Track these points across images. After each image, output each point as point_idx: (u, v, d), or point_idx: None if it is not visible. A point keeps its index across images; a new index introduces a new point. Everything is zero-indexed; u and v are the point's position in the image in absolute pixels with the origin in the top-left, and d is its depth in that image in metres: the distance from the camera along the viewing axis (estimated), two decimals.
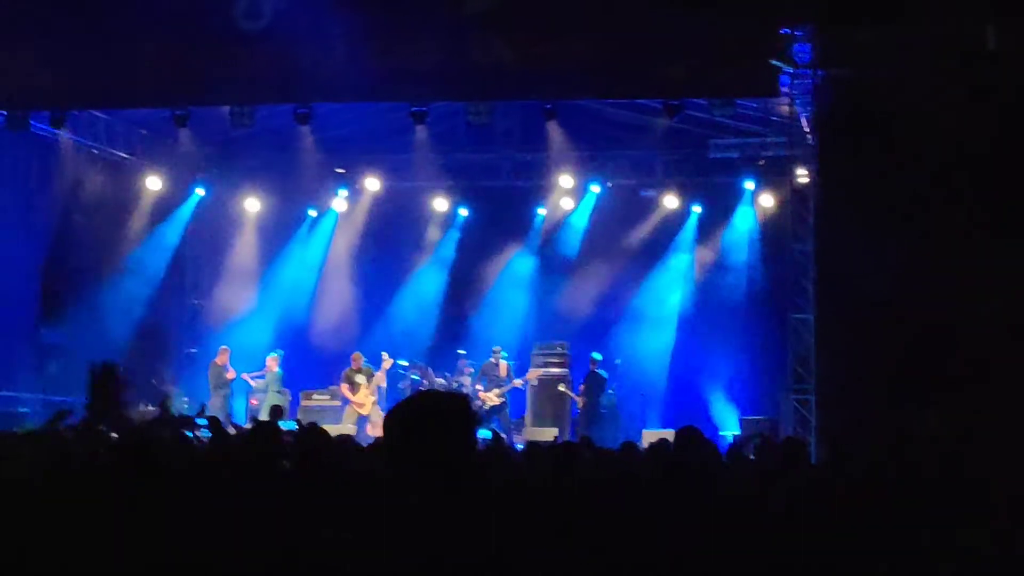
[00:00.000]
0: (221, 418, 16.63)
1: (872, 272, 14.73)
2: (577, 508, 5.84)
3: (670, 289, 22.20)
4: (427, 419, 3.50)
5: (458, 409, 3.54)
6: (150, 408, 19.89)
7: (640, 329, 22.16)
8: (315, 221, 23.66)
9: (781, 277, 18.98)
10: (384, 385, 20.85)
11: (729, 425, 20.37)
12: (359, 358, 20.74)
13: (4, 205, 19.59)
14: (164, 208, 22.31)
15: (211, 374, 21.00)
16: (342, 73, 17.13)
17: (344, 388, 20.50)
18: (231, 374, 20.96)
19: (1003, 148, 14.43)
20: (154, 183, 21.80)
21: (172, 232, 22.55)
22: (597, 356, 20.89)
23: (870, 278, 14.74)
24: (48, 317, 20.71)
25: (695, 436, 7.28)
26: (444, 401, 3.63)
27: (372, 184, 22.46)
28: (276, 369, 21.23)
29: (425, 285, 23.24)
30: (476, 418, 3.57)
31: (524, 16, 16.59)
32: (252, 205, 23.30)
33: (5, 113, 18.58)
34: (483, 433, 18.27)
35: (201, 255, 23.36)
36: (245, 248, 23.45)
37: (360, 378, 20.24)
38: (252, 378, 21.24)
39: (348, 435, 10.66)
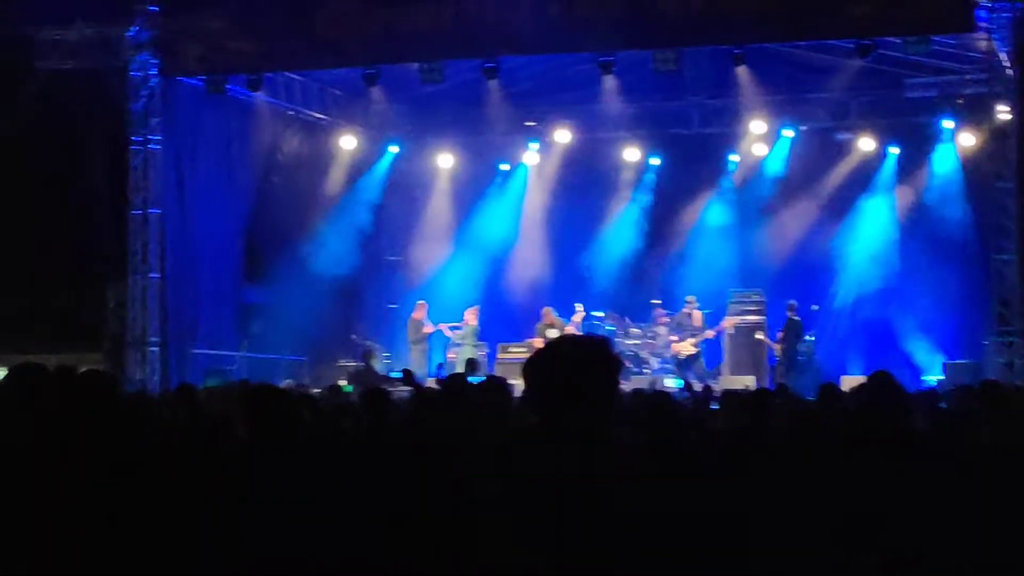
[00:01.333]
0: (420, 373, 16.96)
1: None
2: (766, 459, 5.79)
3: (869, 233, 21.72)
4: (566, 363, 3.43)
5: (598, 352, 3.48)
6: (353, 363, 20.36)
7: (839, 274, 21.79)
8: (507, 175, 23.77)
9: (984, 217, 18.46)
10: None
11: (933, 370, 19.94)
12: (549, 312, 20.85)
13: (207, 169, 20.17)
14: (359, 166, 22.73)
15: (409, 329, 21.29)
16: (528, 25, 17.18)
17: (537, 343, 20.61)
18: (428, 328, 21.20)
19: None
20: (349, 142, 22.19)
21: (367, 190, 22.95)
22: (794, 303, 20.60)
23: None
24: (251, 277, 21.24)
25: (888, 382, 7.11)
26: (584, 345, 3.54)
27: (562, 136, 22.44)
28: (474, 322, 21.41)
29: (618, 236, 23.16)
30: (617, 361, 3.49)
31: None
32: (445, 161, 23.54)
33: (204, 78, 19.09)
34: (677, 382, 18.30)
35: (397, 212, 23.71)
36: (439, 204, 23.73)
37: (552, 332, 20.32)
38: (450, 329, 21.45)
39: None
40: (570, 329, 20.55)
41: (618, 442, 3.63)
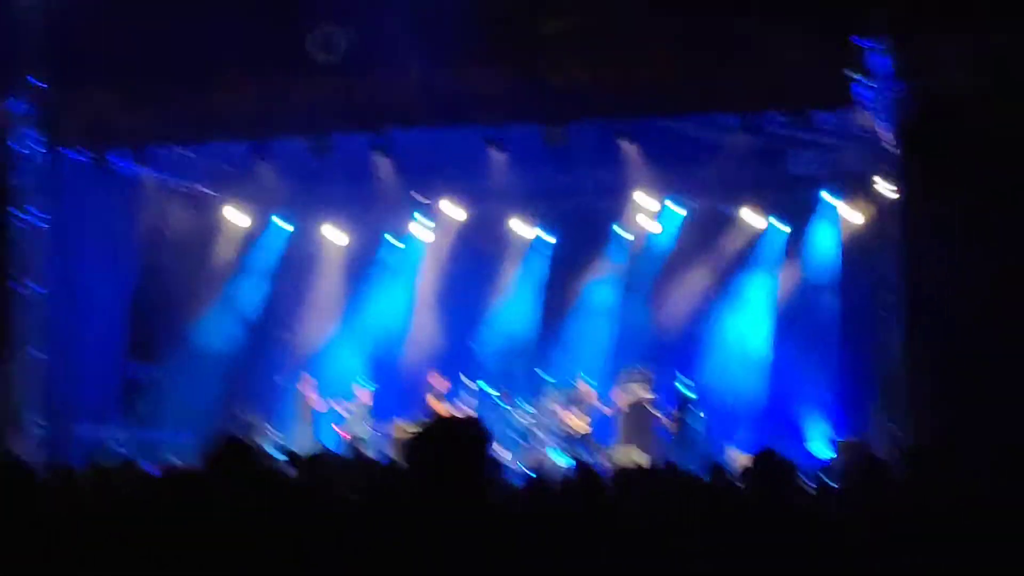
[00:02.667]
0: (307, 448, 16.74)
1: (962, 290, 14.43)
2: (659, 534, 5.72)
3: (755, 309, 21.93)
4: (440, 444, 3.63)
5: (471, 433, 3.63)
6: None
7: (726, 350, 21.93)
8: (398, 250, 23.69)
9: (867, 294, 18.67)
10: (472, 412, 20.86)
11: (821, 448, 20.08)
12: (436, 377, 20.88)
13: (93, 244, 19.86)
14: (247, 241, 22.51)
15: (296, 404, 21.09)
16: (417, 99, 17.18)
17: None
18: (318, 404, 21.02)
19: None
20: (236, 217, 22.01)
21: (255, 265, 22.74)
22: (686, 381, 20.69)
23: (960, 296, 14.44)
24: (138, 354, 20.92)
25: (775, 459, 7.10)
26: (457, 426, 3.73)
27: (453, 210, 22.44)
28: (367, 401, 21.28)
29: (509, 311, 23.17)
30: (487, 440, 3.73)
31: (597, 36, 16.52)
32: (334, 235, 23.41)
33: (90, 153, 18.84)
34: (566, 460, 18.22)
35: (285, 287, 23.46)
36: (328, 279, 23.57)
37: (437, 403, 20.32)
38: (343, 408, 21.29)
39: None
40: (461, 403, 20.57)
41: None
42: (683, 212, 21.84)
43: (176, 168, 20.76)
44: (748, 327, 21.91)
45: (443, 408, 20.47)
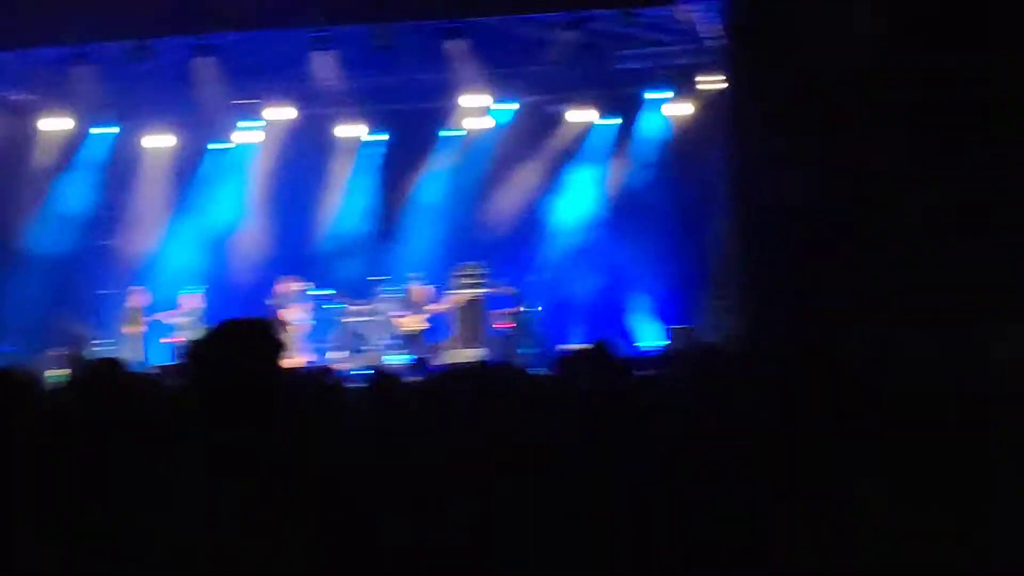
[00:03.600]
0: (137, 361, 16.58)
1: (790, 180, 14.69)
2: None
3: (582, 204, 22.15)
4: (229, 345, 3.51)
5: (260, 332, 3.54)
6: (63, 352, 19.70)
7: (557, 245, 22.14)
8: (226, 155, 23.30)
9: (695, 186, 18.97)
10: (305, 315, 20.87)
11: (651, 336, 20.46)
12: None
13: None
14: (67, 149, 21.91)
15: (124, 317, 20.78)
16: (238, 1, 16.86)
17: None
18: (142, 318, 20.73)
19: (925, 49, 14.32)
20: (55, 124, 21.38)
21: (77, 173, 22.16)
22: (526, 278, 20.91)
23: (784, 184, 14.70)
24: None
25: (606, 351, 7.22)
26: (246, 325, 3.71)
27: (279, 113, 22.11)
28: (197, 305, 21.02)
29: (340, 213, 23.04)
30: (278, 340, 3.62)
31: None
32: (158, 142, 22.88)
33: None
34: (405, 358, 18.30)
35: (108, 195, 22.89)
36: (154, 186, 23.06)
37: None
38: (170, 316, 21.00)
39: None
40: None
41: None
42: (512, 109, 21.84)
43: None
44: (578, 221, 22.13)
45: (286, 313, 20.43)
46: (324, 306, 21.29)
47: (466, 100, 21.44)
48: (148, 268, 22.46)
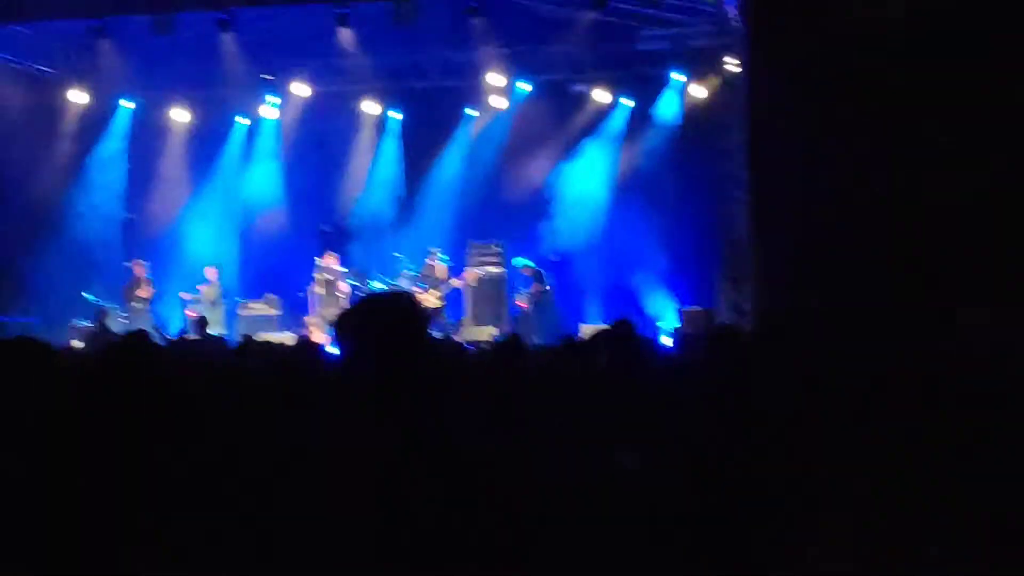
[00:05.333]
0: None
1: (807, 162, 14.68)
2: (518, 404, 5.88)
3: (603, 182, 22.16)
4: (378, 321, 3.52)
5: (407, 308, 3.57)
6: (87, 324, 19.84)
7: (575, 223, 22.16)
8: (246, 130, 23.40)
9: (711, 167, 18.99)
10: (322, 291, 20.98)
11: (668, 317, 20.50)
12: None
13: None
14: (90, 122, 22.02)
15: (129, 287, 20.92)
16: None
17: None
18: (146, 290, 20.82)
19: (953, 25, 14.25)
20: (78, 97, 21.50)
21: (99, 146, 22.30)
22: (528, 262, 20.92)
23: (804, 169, 14.70)
24: None
25: (628, 330, 7.29)
26: (392, 302, 3.67)
27: (300, 90, 22.19)
28: (215, 280, 21.19)
29: (359, 191, 23.11)
30: (425, 316, 3.62)
31: None
32: (180, 116, 22.99)
33: None
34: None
35: (131, 169, 23.02)
36: (175, 160, 23.19)
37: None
38: (190, 295, 21.19)
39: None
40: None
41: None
42: (531, 88, 21.86)
43: (14, 46, 20.20)
44: (595, 201, 22.15)
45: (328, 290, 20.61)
46: (348, 281, 21.37)
47: (486, 78, 21.49)
48: (169, 241, 22.56)
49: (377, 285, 21.15)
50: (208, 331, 17.84)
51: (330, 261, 21.13)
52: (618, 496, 4.43)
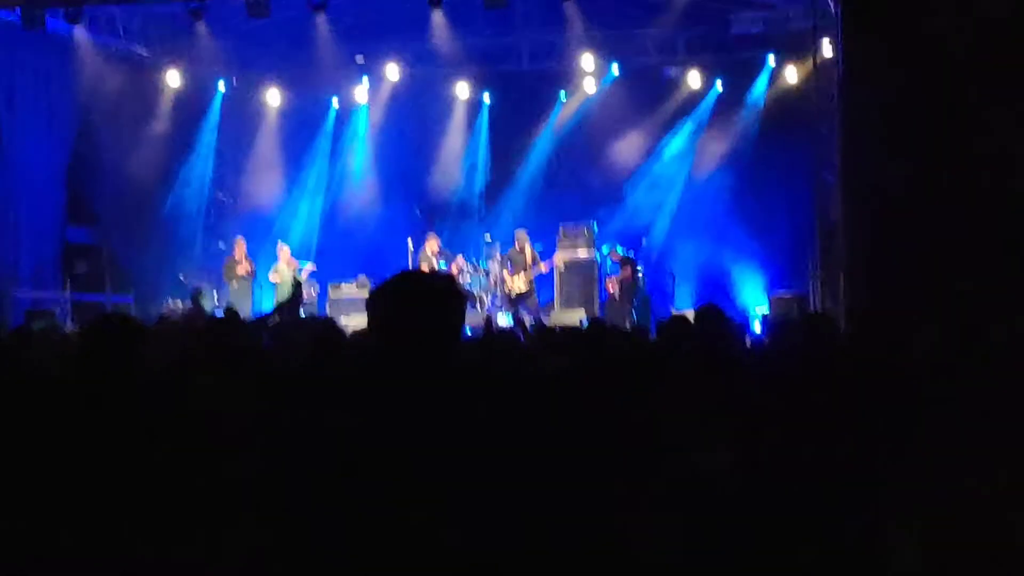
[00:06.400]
0: (243, 312, 16.76)
1: (900, 150, 14.46)
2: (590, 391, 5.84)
3: (697, 167, 22.04)
4: (413, 298, 3.42)
5: (444, 288, 3.49)
6: (181, 304, 20.06)
7: (667, 208, 22.08)
8: (338, 112, 23.56)
9: (805, 152, 18.79)
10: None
11: (759, 302, 20.36)
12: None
13: (26, 108, 19.60)
14: (186, 104, 22.23)
15: (225, 267, 21.06)
16: None
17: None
18: (244, 267, 20.90)
19: None
20: (174, 79, 21.72)
21: (195, 128, 22.53)
22: (619, 250, 20.80)
23: (897, 157, 14.47)
24: (75, 216, 20.79)
25: (715, 314, 7.24)
26: (429, 280, 3.57)
27: (392, 72, 22.27)
28: (288, 258, 21.22)
29: (450, 173, 23.17)
30: (462, 296, 3.51)
31: None
32: (273, 98, 23.19)
33: (20, 11, 18.41)
34: (507, 319, 18.38)
35: (225, 150, 23.27)
36: (269, 142, 23.41)
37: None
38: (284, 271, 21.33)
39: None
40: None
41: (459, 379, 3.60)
42: (623, 72, 21.77)
43: (111, 29, 20.45)
44: (686, 185, 22.04)
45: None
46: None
47: (578, 62, 21.44)
48: (264, 222, 22.76)
49: (467, 267, 21.14)
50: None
51: (433, 244, 21.09)
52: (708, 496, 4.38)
